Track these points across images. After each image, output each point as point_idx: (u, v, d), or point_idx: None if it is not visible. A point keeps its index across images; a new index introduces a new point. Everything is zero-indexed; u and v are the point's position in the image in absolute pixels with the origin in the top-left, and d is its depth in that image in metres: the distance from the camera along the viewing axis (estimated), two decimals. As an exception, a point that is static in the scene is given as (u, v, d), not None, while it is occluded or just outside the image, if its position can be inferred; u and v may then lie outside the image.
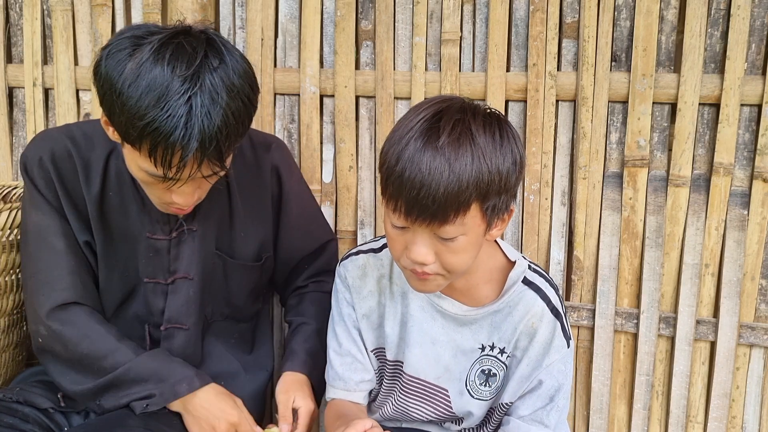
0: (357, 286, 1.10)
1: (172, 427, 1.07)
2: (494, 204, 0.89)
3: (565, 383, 1.04)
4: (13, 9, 1.56)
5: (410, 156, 0.85)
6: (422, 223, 0.86)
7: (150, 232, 1.12)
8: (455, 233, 0.87)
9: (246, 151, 1.19)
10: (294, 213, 1.24)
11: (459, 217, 0.86)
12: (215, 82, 0.90)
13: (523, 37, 1.36)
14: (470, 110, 0.88)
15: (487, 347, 1.06)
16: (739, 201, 1.30)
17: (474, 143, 0.85)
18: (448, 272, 0.93)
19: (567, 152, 1.37)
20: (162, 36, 0.91)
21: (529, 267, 1.05)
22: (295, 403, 1.11)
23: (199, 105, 0.88)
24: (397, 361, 1.11)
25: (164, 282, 1.14)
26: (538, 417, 1.04)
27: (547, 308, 1.03)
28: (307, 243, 1.29)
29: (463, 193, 0.84)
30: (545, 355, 1.03)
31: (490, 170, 0.85)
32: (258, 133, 1.25)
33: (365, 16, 1.42)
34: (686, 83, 1.28)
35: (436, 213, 0.85)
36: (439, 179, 0.83)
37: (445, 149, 0.84)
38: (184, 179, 0.94)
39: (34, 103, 1.56)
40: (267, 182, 1.20)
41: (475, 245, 0.92)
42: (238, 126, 0.93)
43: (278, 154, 1.23)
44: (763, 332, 1.31)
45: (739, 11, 1.25)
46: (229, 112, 0.91)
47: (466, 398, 1.08)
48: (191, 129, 0.88)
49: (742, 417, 1.36)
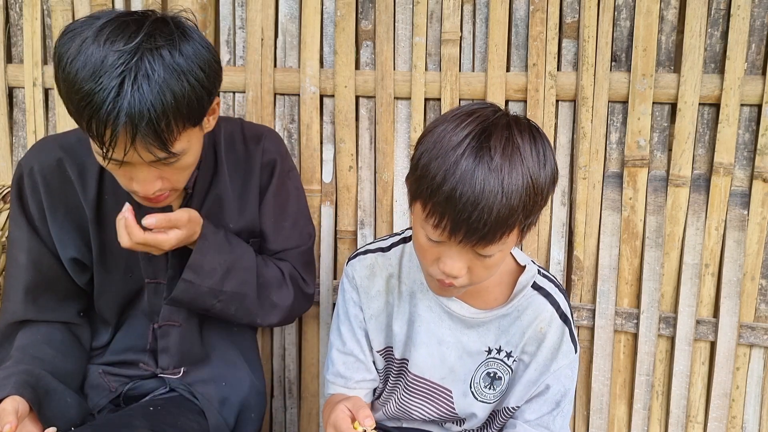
0: (365, 286, 1.10)
1: (177, 427, 1.07)
2: (532, 221, 0.89)
3: (571, 388, 1.05)
4: (13, 9, 1.56)
5: (462, 175, 0.82)
6: (467, 243, 0.85)
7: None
8: (495, 251, 0.87)
9: (237, 144, 1.18)
10: (271, 202, 1.20)
11: (503, 238, 0.85)
12: (153, 59, 0.87)
13: (523, 37, 1.36)
14: (515, 125, 0.86)
15: (494, 350, 1.06)
16: (739, 201, 1.30)
17: (524, 163, 0.83)
18: (471, 284, 0.93)
19: (567, 152, 1.37)
20: (114, 15, 0.90)
21: (538, 272, 1.05)
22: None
23: (132, 79, 0.86)
24: (403, 359, 1.11)
25: (165, 282, 1.14)
26: (544, 422, 1.04)
27: (556, 314, 1.03)
28: (277, 237, 1.23)
29: (513, 216, 0.83)
30: (553, 360, 1.03)
31: (536, 190, 0.85)
32: (250, 126, 1.23)
33: (365, 16, 1.42)
34: (686, 83, 1.28)
35: (486, 235, 0.83)
36: (493, 202, 0.81)
37: (498, 170, 0.82)
38: (121, 158, 0.91)
39: (34, 103, 1.56)
40: (257, 174, 1.18)
41: (504, 258, 0.93)
42: (180, 107, 0.90)
43: (271, 145, 1.20)
44: (763, 332, 1.31)
45: (739, 11, 1.25)
46: (167, 90, 0.88)
47: (469, 400, 1.08)
48: (120, 102, 0.86)
49: (742, 417, 1.36)
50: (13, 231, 1.13)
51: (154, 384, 1.19)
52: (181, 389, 1.19)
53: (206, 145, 1.13)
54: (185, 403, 1.17)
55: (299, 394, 1.57)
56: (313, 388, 1.55)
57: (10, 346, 1.12)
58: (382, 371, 1.14)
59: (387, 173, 1.43)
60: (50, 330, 1.14)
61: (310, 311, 1.52)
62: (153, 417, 1.06)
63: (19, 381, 1.02)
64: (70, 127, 1.52)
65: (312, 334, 1.53)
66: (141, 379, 1.19)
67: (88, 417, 1.14)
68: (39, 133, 1.56)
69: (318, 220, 1.48)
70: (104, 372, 1.18)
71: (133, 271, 1.15)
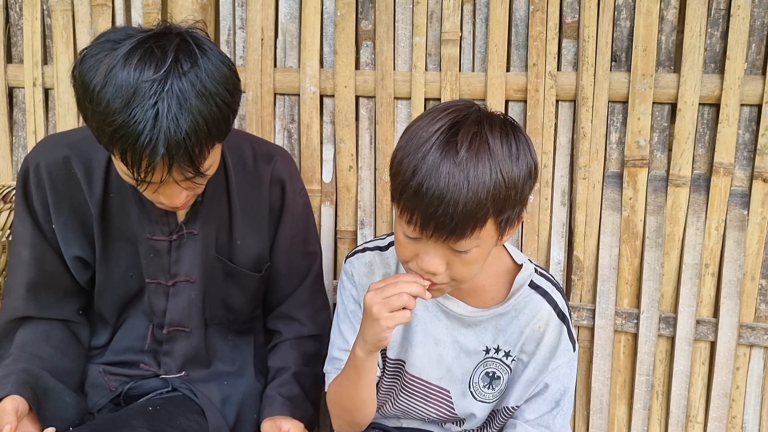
0: (363, 283, 1.10)
1: (176, 427, 1.07)
2: (509, 216, 0.88)
3: (571, 387, 1.05)
4: (13, 9, 1.56)
5: (428, 170, 0.83)
6: (438, 238, 0.86)
7: (150, 233, 1.12)
8: (469, 246, 0.87)
9: (248, 160, 1.18)
10: (288, 227, 1.22)
11: (475, 232, 0.85)
12: (184, 86, 0.88)
13: (523, 37, 1.36)
14: (487, 121, 0.87)
15: (492, 350, 1.06)
16: (739, 201, 1.30)
17: (492, 157, 0.83)
18: (454, 281, 0.92)
19: (567, 152, 1.37)
20: (135, 39, 0.90)
21: (535, 270, 1.05)
22: (282, 428, 1.11)
23: (166, 110, 0.86)
24: (398, 360, 1.10)
25: (165, 283, 1.15)
26: (544, 422, 1.04)
27: (554, 312, 1.03)
28: (292, 261, 1.25)
29: (481, 210, 0.83)
30: (552, 358, 1.03)
31: (507, 185, 0.84)
32: (262, 144, 1.23)
33: (365, 16, 1.42)
34: (686, 83, 1.28)
35: (454, 229, 0.84)
36: (458, 195, 0.82)
37: (464, 164, 0.82)
38: (157, 182, 0.93)
39: (34, 103, 1.56)
40: (266, 194, 1.18)
41: (485, 255, 0.92)
42: (210, 130, 0.92)
43: (282, 166, 1.20)
44: (763, 332, 1.31)
45: (739, 11, 1.25)
46: (199, 116, 0.89)
47: (468, 400, 1.08)
48: (157, 134, 0.86)
49: (742, 417, 1.36)
50: (17, 227, 1.13)
51: (155, 383, 1.19)
52: (183, 388, 1.19)
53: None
54: (185, 402, 1.17)
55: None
56: (313, 388, 1.55)
57: (9, 343, 1.12)
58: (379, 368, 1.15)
59: (387, 173, 1.43)
60: (50, 327, 1.14)
61: (310, 311, 1.53)
62: (152, 416, 1.06)
63: (19, 380, 1.02)
64: (70, 127, 1.52)
65: (312, 334, 1.53)
66: (141, 379, 1.19)
67: (87, 416, 1.14)
68: (39, 133, 1.56)
69: (318, 220, 1.48)
70: (104, 371, 1.18)
71: (135, 270, 1.15)
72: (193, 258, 1.14)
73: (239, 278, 1.19)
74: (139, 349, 1.19)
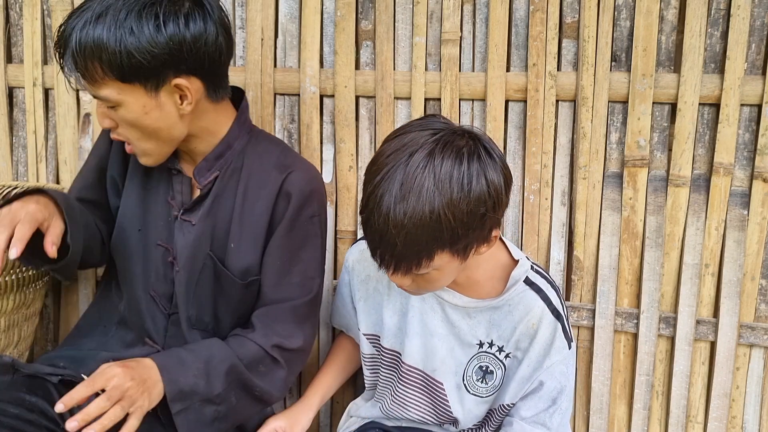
0: (357, 269, 1.14)
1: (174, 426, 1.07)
2: (466, 244, 0.87)
3: (568, 385, 1.05)
4: (13, 9, 1.56)
5: (372, 206, 0.84)
6: (388, 270, 0.88)
7: (171, 197, 1.18)
8: (426, 270, 0.88)
9: (266, 167, 1.15)
10: (278, 241, 1.14)
11: (423, 265, 0.86)
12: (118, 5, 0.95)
13: (523, 37, 1.36)
14: (442, 146, 0.84)
15: (486, 344, 1.06)
16: (739, 201, 1.30)
17: (439, 193, 0.81)
18: (430, 290, 0.97)
19: (567, 152, 1.37)
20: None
21: (531, 267, 1.05)
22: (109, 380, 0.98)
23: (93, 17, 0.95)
24: (394, 351, 1.11)
25: (167, 248, 1.18)
26: (540, 419, 1.04)
27: (548, 309, 1.03)
28: (279, 284, 1.15)
29: (424, 249, 0.83)
30: (546, 356, 1.03)
31: (454, 220, 0.82)
32: (288, 154, 1.19)
33: (365, 16, 1.42)
34: (686, 83, 1.28)
35: (398, 265, 0.85)
36: (397, 233, 0.81)
37: (405, 202, 0.81)
38: (75, 82, 1.01)
39: (34, 103, 1.56)
40: (270, 204, 1.13)
41: (453, 272, 0.93)
42: (105, 54, 0.95)
43: (296, 180, 1.13)
44: (763, 332, 1.31)
45: (739, 11, 1.25)
46: (115, 32, 0.94)
47: (462, 393, 1.08)
48: (70, 27, 0.96)
49: (742, 417, 1.36)
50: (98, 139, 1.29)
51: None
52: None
53: (236, 153, 1.15)
54: None
55: (299, 395, 1.57)
56: (313, 388, 1.55)
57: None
58: (369, 358, 1.15)
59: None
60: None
61: (310, 311, 1.53)
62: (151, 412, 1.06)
63: (54, 193, 1.08)
64: (70, 127, 1.53)
65: (312, 334, 1.53)
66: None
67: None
68: (39, 133, 1.56)
69: (318, 220, 1.48)
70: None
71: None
72: (183, 245, 1.14)
73: (226, 283, 1.16)
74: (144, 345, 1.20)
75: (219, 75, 1.09)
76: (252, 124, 1.22)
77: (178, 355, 1.05)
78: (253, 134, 1.20)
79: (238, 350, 1.10)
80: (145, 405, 0.96)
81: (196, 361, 1.05)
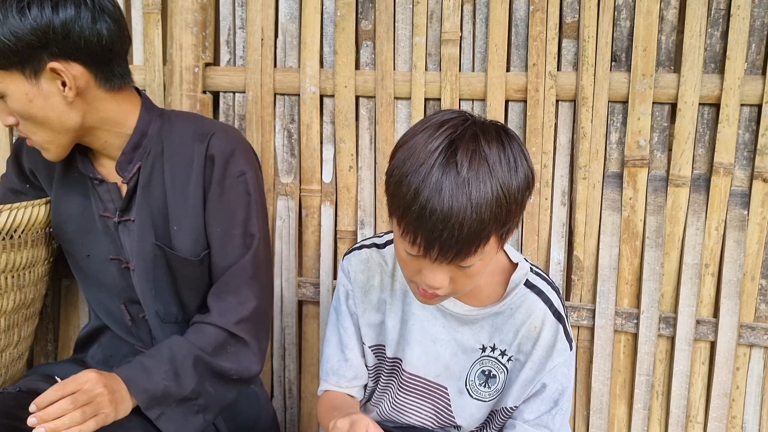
0: (360, 280, 1.10)
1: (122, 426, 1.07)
2: (510, 227, 0.88)
3: (569, 386, 1.05)
4: (13, 9, 1.56)
5: (431, 193, 0.82)
6: (443, 260, 0.85)
7: (102, 209, 1.17)
8: (474, 261, 0.87)
9: (186, 142, 1.15)
10: (212, 207, 1.14)
11: (479, 249, 0.85)
12: None
13: (523, 37, 1.36)
14: (483, 135, 0.85)
15: (488, 348, 1.06)
16: (739, 201, 1.30)
17: (492, 174, 0.83)
18: (455, 293, 0.93)
19: (567, 152, 1.37)
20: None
21: (531, 270, 1.05)
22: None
23: None
24: (395, 358, 1.11)
25: (126, 263, 1.18)
26: (543, 422, 1.04)
27: (549, 311, 1.03)
28: (224, 249, 1.15)
29: (486, 228, 0.83)
30: (548, 358, 1.03)
31: (508, 199, 0.84)
32: (206, 123, 1.19)
33: (365, 16, 1.42)
34: (686, 83, 1.28)
35: (459, 250, 0.84)
36: (463, 217, 0.81)
37: (466, 185, 0.81)
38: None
39: None
40: (200, 174, 1.13)
41: (487, 264, 0.92)
42: None
43: (217, 143, 1.14)
44: (763, 332, 1.31)
45: (739, 11, 1.25)
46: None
47: (465, 398, 1.08)
48: None
49: (742, 417, 1.36)
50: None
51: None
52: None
53: (153, 139, 1.15)
54: None
55: (299, 394, 1.57)
56: (313, 388, 1.55)
57: None
58: (372, 369, 1.15)
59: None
60: None
61: (310, 311, 1.53)
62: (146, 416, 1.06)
63: None
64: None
65: (312, 334, 1.53)
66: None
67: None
68: None
69: (318, 220, 1.48)
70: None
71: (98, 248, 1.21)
72: (131, 244, 1.15)
73: (182, 266, 1.15)
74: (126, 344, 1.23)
75: (108, 63, 1.06)
76: (159, 108, 1.20)
77: (141, 364, 1.05)
78: (164, 116, 1.18)
79: (198, 341, 1.09)
80: (111, 415, 0.95)
81: (159, 364, 1.04)
